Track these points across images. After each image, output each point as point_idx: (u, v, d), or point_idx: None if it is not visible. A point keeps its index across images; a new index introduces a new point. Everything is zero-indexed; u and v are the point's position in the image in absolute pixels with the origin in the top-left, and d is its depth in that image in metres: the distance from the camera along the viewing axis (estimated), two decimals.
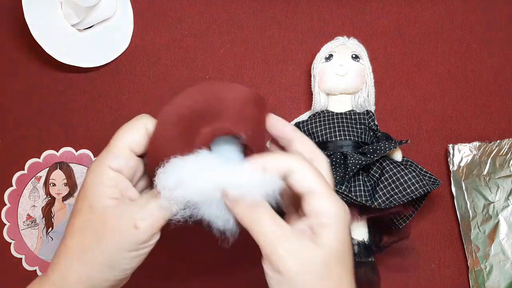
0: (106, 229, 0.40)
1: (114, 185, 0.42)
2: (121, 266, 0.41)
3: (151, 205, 0.41)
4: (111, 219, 0.40)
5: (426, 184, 0.58)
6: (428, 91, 0.67)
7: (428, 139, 0.66)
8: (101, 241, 0.40)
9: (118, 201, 0.41)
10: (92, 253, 0.40)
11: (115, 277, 0.41)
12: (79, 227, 0.41)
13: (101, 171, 0.42)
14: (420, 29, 0.68)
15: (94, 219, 0.41)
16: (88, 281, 0.41)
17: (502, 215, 0.63)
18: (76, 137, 0.67)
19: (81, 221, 0.41)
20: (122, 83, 0.68)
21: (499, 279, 0.62)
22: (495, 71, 0.68)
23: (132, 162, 0.43)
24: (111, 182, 0.42)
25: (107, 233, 0.40)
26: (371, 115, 0.62)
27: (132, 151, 0.43)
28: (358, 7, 0.68)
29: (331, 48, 0.64)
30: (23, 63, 0.68)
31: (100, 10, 0.65)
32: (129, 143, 0.43)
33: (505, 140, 0.65)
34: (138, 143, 0.43)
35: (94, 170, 0.42)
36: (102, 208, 0.41)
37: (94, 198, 0.41)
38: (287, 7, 0.68)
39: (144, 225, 0.40)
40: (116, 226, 0.40)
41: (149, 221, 0.40)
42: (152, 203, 0.41)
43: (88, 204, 0.41)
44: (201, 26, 0.68)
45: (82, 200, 0.42)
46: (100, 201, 0.41)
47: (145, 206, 0.41)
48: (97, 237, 0.40)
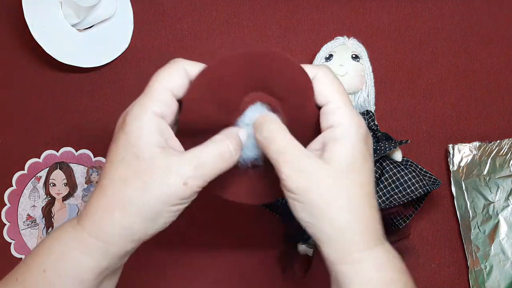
0: (153, 182, 0.38)
1: (160, 133, 0.39)
2: (163, 220, 0.40)
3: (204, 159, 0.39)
4: (160, 172, 0.38)
5: (426, 184, 0.58)
6: (428, 91, 0.67)
7: (428, 139, 0.66)
8: (146, 193, 0.38)
9: (164, 150, 0.39)
10: (136, 205, 0.38)
11: (155, 230, 0.40)
12: (121, 177, 0.39)
13: (146, 117, 0.39)
14: (420, 29, 0.68)
15: (140, 170, 0.38)
16: (128, 233, 0.39)
17: (502, 215, 0.63)
18: (76, 137, 0.67)
19: (124, 171, 0.39)
20: (122, 83, 0.68)
21: (499, 279, 0.62)
22: (495, 71, 0.68)
23: (174, 107, 0.40)
24: (157, 129, 0.39)
25: (154, 186, 0.38)
26: (371, 115, 0.62)
27: (174, 95, 0.40)
28: (358, 7, 0.68)
29: (331, 48, 0.64)
30: (23, 63, 0.68)
31: (100, 10, 0.65)
32: (170, 87, 0.40)
33: (505, 140, 0.65)
34: (179, 86, 0.40)
35: (137, 115, 0.39)
36: (150, 158, 0.38)
37: (140, 147, 0.38)
38: (287, 7, 0.68)
39: (194, 183, 0.39)
40: (165, 180, 0.38)
41: (200, 180, 0.39)
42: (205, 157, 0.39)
43: (134, 152, 0.38)
44: (201, 26, 0.68)
45: (125, 148, 0.39)
46: (148, 149, 0.38)
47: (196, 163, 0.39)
48: (143, 189, 0.38)
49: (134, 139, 0.39)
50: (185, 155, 0.39)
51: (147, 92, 0.40)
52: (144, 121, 0.39)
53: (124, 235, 0.39)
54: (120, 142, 0.39)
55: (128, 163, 0.39)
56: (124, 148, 0.39)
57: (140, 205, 0.38)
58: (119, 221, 0.39)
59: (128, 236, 0.39)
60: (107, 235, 0.39)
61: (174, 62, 0.41)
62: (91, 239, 0.39)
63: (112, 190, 0.39)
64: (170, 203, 0.39)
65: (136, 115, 0.39)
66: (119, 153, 0.39)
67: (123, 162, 0.39)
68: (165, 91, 0.40)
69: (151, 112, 0.39)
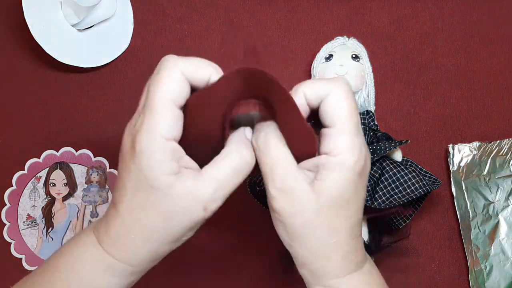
0: (174, 210, 0.38)
1: (172, 158, 0.37)
2: (184, 239, 0.40)
3: (222, 179, 0.38)
4: (179, 201, 0.37)
5: (426, 184, 0.58)
6: (428, 91, 0.67)
7: (428, 139, 0.66)
8: (168, 221, 0.38)
9: (179, 177, 0.37)
10: (158, 232, 0.38)
11: (176, 247, 0.40)
12: (140, 205, 0.38)
13: (156, 146, 0.36)
14: (420, 29, 0.68)
15: (158, 200, 0.37)
16: (153, 256, 0.40)
17: (502, 215, 0.63)
18: (76, 137, 0.67)
19: (142, 199, 0.38)
20: (122, 83, 0.68)
21: (499, 279, 0.62)
22: (495, 71, 0.68)
23: (180, 121, 0.38)
24: (169, 155, 0.37)
25: (175, 214, 0.38)
26: (371, 115, 0.62)
27: (177, 107, 0.37)
28: (358, 7, 0.68)
29: (331, 48, 0.64)
30: (23, 63, 0.68)
31: (100, 10, 0.65)
32: (174, 99, 0.37)
33: (505, 140, 0.65)
34: (181, 95, 0.37)
35: (146, 145, 0.37)
36: (166, 188, 0.37)
37: (155, 179, 0.37)
38: (287, 7, 0.68)
39: (213, 207, 0.38)
40: (185, 208, 0.38)
41: (220, 201, 0.38)
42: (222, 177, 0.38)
43: (148, 184, 0.37)
44: (201, 26, 0.68)
45: (138, 179, 0.37)
46: (163, 180, 0.37)
47: (215, 186, 0.38)
48: (164, 217, 0.38)
49: (146, 171, 0.37)
50: (202, 177, 0.38)
51: (151, 109, 0.37)
52: (155, 150, 0.37)
53: (149, 259, 0.40)
54: (133, 172, 0.38)
55: (145, 192, 0.38)
56: (137, 179, 0.37)
57: (163, 232, 0.39)
58: (144, 248, 0.39)
59: (153, 259, 0.40)
60: (133, 259, 0.40)
61: (167, 65, 0.38)
62: (118, 263, 0.40)
63: (131, 217, 0.39)
64: (192, 228, 0.39)
65: (145, 144, 0.37)
66: (133, 181, 0.38)
67: (139, 190, 0.38)
68: (170, 106, 0.37)
69: (160, 137, 0.37)
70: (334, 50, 0.64)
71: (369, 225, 0.61)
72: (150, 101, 0.37)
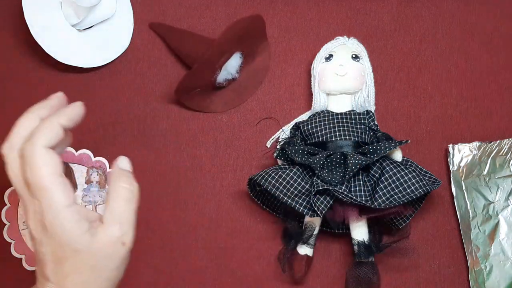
0: (101, 260, 0.42)
1: (79, 219, 0.41)
2: (119, 277, 0.44)
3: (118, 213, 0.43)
4: (102, 251, 0.42)
5: (426, 184, 0.58)
6: (428, 91, 0.67)
7: (428, 139, 0.66)
8: (100, 271, 0.42)
9: (90, 230, 0.42)
10: (94, 283, 0.43)
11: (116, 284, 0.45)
12: (72, 269, 0.42)
13: (62, 216, 0.41)
14: (420, 29, 0.68)
15: (85, 259, 0.42)
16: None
17: (502, 215, 0.63)
18: (76, 137, 0.67)
19: (71, 264, 0.42)
20: (122, 83, 0.68)
21: (499, 279, 0.62)
22: (495, 71, 0.68)
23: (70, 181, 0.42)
24: (77, 218, 0.41)
25: (103, 262, 0.42)
26: (371, 115, 0.62)
27: (61, 163, 0.42)
28: (358, 7, 0.68)
29: (331, 48, 0.64)
30: (23, 63, 0.68)
31: (100, 10, 0.65)
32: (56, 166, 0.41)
33: (505, 140, 0.65)
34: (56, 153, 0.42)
35: (54, 216, 0.41)
36: (87, 246, 0.41)
37: (73, 243, 0.41)
38: (287, 7, 0.68)
39: (128, 238, 0.43)
40: (110, 253, 0.42)
41: (131, 230, 0.43)
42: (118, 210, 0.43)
43: (71, 249, 0.41)
44: (201, 26, 0.68)
45: (61, 246, 0.41)
46: (81, 242, 0.41)
47: (117, 222, 0.42)
48: (95, 270, 0.42)
49: (64, 240, 0.41)
50: (105, 220, 0.43)
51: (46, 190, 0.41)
52: (65, 222, 0.41)
53: None
54: (49, 237, 0.41)
55: (72, 257, 0.42)
56: (60, 246, 0.41)
57: (98, 281, 0.43)
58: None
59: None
60: None
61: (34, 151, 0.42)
62: None
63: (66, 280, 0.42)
64: (123, 265, 0.44)
65: (53, 215, 0.41)
66: (57, 251, 0.42)
67: (67, 258, 0.42)
68: (59, 175, 0.41)
69: (64, 208, 0.41)
70: (334, 50, 0.64)
71: (369, 225, 0.61)
72: (38, 184, 0.40)
